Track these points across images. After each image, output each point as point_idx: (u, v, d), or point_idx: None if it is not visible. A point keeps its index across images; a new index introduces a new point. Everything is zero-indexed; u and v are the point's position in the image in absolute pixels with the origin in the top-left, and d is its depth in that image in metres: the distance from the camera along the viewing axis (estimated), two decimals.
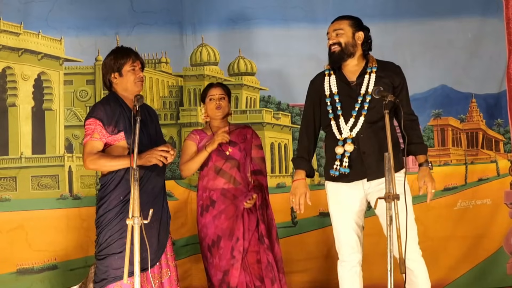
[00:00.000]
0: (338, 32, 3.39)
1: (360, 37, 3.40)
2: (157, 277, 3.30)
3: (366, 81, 3.37)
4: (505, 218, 4.80)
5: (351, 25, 3.42)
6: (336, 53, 3.38)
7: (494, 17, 4.88)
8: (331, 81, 3.43)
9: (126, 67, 3.33)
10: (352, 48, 3.38)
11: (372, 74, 3.37)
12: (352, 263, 3.41)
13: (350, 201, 3.39)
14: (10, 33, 4.58)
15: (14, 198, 4.54)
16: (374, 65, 3.41)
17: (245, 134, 3.95)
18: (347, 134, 3.33)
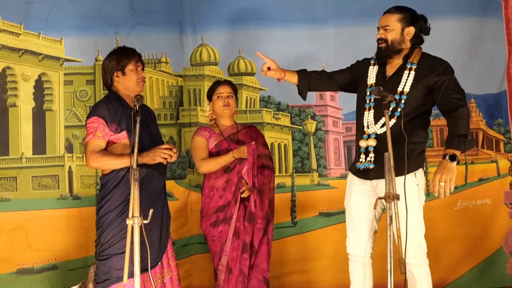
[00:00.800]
0: (387, 28, 3.30)
1: (410, 33, 3.30)
2: (159, 277, 3.30)
3: (404, 78, 3.27)
4: (505, 218, 4.80)
5: (400, 20, 3.30)
6: (383, 49, 3.29)
7: (494, 17, 4.88)
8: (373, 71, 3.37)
9: (129, 66, 3.33)
10: (399, 45, 3.28)
11: (412, 71, 3.27)
12: (355, 258, 3.40)
13: (360, 196, 3.36)
14: (10, 33, 4.59)
15: (14, 198, 4.55)
16: (415, 61, 3.29)
17: (251, 134, 3.96)
18: (373, 130, 3.28)
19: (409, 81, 3.26)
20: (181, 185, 4.78)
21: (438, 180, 3.13)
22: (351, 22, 4.73)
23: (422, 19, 3.36)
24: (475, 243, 4.75)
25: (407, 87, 3.25)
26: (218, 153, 3.85)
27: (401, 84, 3.26)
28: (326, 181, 4.90)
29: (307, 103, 4.92)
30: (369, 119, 3.31)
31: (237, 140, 3.88)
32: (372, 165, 3.26)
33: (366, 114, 3.31)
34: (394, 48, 3.27)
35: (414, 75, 3.25)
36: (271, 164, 3.98)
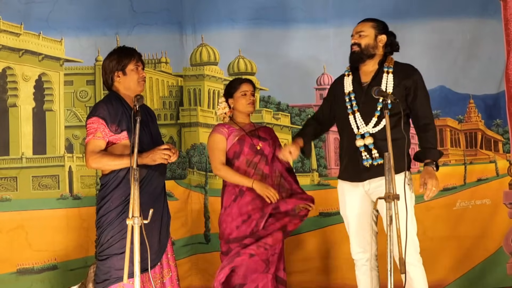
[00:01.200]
0: (361, 34, 3.43)
1: (382, 40, 3.44)
2: (159, 277, 3.30)
3: (384, 81, 3.39)
4: (504, 218, 4.80)
5: (374, 27, 3.46)
6: (356, 53, 3.42)
7: (493, 18, 4.88)
8: (349, 81, 3.49)
9: (130, 66, 3.33)
10: (372, 50, 3.42)
11: (390, 74, 3.40)
12: (361, 262, 3.46)
13: (353, 202, 3.44)
14: (10, 33, 4.59)
15: (14, 198, 4.54)
16: (390, 65, 3.43)
17: (270, 132, 3.97)
18: (365, 129, 3.36)
19: (390, 82, 3.37)
20: (181, 185, 4.78)
21: (431, 185, 3.26)
22: (351, 22, 4.67)
23: (393, 34, 3.51)
24: (474, 243, 4.76)
25: (389, 87, 3.36)
26: (241, 148, 3.79)
27: (382, 85, 3.36)
28: (327, 181, 4.90)
29: (307, 103, 4.93)
30: (357, 121, 3.39)
31: (258, 136, 3.86)
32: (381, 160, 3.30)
33: (352, 118, 3.40)
34: (368, 53, 3.41)
35: (392, 77, 3.38)
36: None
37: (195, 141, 4.88)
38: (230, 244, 3.72)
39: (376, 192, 3.32)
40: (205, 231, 4.78)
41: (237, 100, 3.87)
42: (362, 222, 3.44)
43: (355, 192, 3.42)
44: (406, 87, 3.38)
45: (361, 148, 3.36)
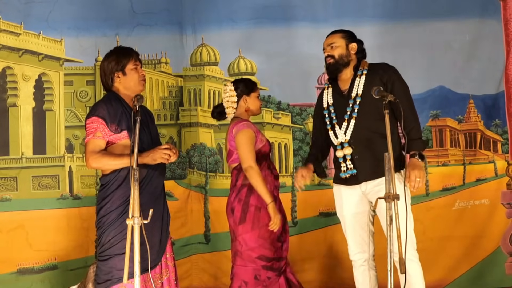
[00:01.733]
0: (332, 46, 3.50)
1: (354, 48, 3.51)
2: (159, 277, 3.30)
3: (356, 84, 3.47)
4: (502, 218, 4.81)
5: (344, 37, 3.52)
6: (332, 64, 3.50)
7: (492, 18, 4.89)
8: (329, 93, 3.57)
9: (129, 66, 3.31)
10: (346, 58, 3.49)
11: (362, 76, 3.47)
12: (359, 262, 3.48)
13: (350, 202, 3.47)
14: (10, 33, 4.58)
15: (14, 198, 4.54)
16: (365, 68, 3.50)
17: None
18: (342, 139, 3.43)
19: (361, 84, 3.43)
20: (181, 185, 4.78)
21: (415, 176, 3.26)
22: (351, 21, 4.72)
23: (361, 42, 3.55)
24: (473, 243, 4.76)
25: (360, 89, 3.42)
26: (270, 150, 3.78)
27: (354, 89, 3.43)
28: (327, 181, 4.90)
29: (308, 102, 4.93)
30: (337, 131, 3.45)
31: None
32: (355, 171, 3.39)
33: (331, 133, 3.48)
34: (343, 62, 3.48)
35: (365, 78, 3.44)
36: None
37: (195, 141, 4.88)
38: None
39: (373, 192, 3.34)
40: (205, 231, 4.78)
41: (253, 100, 3.75)
42: (360, 223, 3.46)
43: (352, 193, 3.45)
44: (383, 82, 3.40)
45: (340, 159, 3.45)
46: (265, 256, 3.60)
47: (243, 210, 3.61)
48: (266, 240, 3.60)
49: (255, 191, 3.58)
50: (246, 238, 3.59)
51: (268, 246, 3.60)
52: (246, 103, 3.71)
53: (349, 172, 3.40)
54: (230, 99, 3.70)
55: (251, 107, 3.74)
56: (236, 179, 3.65)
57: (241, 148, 3.60)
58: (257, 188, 3.55)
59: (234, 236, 3.64)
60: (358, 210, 3.45)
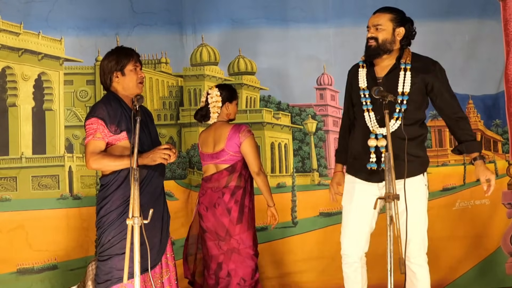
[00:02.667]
0: (378, 27, 3.27)
1: (400, 33, 3.28)
2: (159, 277, 3.30)
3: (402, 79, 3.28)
4: (503, 218, 4.82)
5: (392, 20, 3.28)
6: (372, 47, 3.28)
7: (492, 18, 4.90)
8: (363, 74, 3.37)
9: (129, 67, 3.31)
10: (390, 45, 3.27)
11: (407, 72, 3.28)
12: (353, 259, 3.37)
13: (363, 199, 3.33)
14: (9, 32, 4.58)
15: (14, 198, 4.53)
16: (408, 62, 3.30)
17: None
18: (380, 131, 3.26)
19: (407, 81, 3.26)
20: (181, 185, 4.78)
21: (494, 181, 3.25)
22: (351, 22, 4.74)
23: (410, 21, 3.35)
24: (473, 243, 4.77)
25: (406, 87, 3.26)
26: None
27: (399, 84, 3.27)
28: (327, 181, 4.89)
29: (308, 103, 4.94)
30: (371, 120, 3.30)
31: None
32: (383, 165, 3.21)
33: (367, 116, 3.31)
34: (385, 48, 3.27)
35: (410, 75, 3.27)
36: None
37: (195, 141, 4.86)
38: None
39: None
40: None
41: (234, 107, 3.95)
42: (366, 219, 3.35)
43: (367, 191, 3.31)
44: (426, 82, 3.28)
45: (371, 149, 3.27)
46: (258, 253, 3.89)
47: (239, 211, 3.81)
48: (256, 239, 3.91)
49: (248, 193, 3.85)
50: (244, 237, 3.83)
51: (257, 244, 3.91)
52: (227, 109, 3.90)
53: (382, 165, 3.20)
54: (216, 104, 3.87)
55: (231, 113, 3.93)
56: (228, 181, 3.82)
57: (251, 155, 3.84)
58: (265, 191, 3.86)
59: (228, 235, 3.81)
60: (367, 208, 3.29)
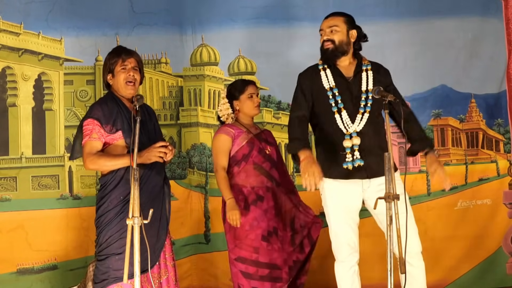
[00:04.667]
0: (333, 29, 3.37)
1: (354, 35, 3.38)
2: (157, 277, 3.30)
3: (365, 78, 3.36)
4: (504, 218, 4.80)
5: (346, 22, 3.40)
6: (330, 50, 3.35)
7: (494, 17, 4.88)
8: (328, 75, 3.38)
9: (116, 68, 3.30)
10: (346, 46, 3.36)
11: (369, 71, 3.37)
12: (351, 263, 3.37)
13: (348, 199, 3.33)
14: (10, 32, 4.58)
15: (14, 198, 4.54)
16: (367, 63, 3.41)
17: (271, 136, 3.95)
18: (353, 129, 3.28)
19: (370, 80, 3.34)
20: (181, 185, 4.77)
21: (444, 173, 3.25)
22: None
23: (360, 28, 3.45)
24: (475, 243, 4.75)
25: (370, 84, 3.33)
26: (250, 152, 3.76)
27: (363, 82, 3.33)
28: None
29: None
30: (344, 119, 3.31)
31: (265, 139, 3.85)
32: (362, 162, 3.25)
33: (338, 117, 3.31)
34: (342, 49, 3.34)
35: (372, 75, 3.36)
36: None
37: (195, 141, 4.87)
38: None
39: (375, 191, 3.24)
40: (205, 231, 4.77)
41: (243, 102, 3.84)
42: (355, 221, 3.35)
43: (351, 189, 3.30)
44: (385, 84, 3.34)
45: (347, 149, 3.28)
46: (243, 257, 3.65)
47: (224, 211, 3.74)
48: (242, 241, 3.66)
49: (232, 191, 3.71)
50: (227, 238, 3.73)
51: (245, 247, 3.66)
52: (237, 107, 3.83)
53: (357, 161, 3.23)
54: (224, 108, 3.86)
55: (243, 110, 3.83)
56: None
57: (212, 152, 3.84)
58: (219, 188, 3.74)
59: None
60: (354, 208, 3.34)
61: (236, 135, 3.77)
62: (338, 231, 3.37)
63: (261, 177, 3.75)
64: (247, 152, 3.76)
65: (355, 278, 3.38)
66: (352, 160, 3.26)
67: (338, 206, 3.35)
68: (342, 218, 3.35)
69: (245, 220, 3.67)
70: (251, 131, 3.83)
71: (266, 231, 3.66)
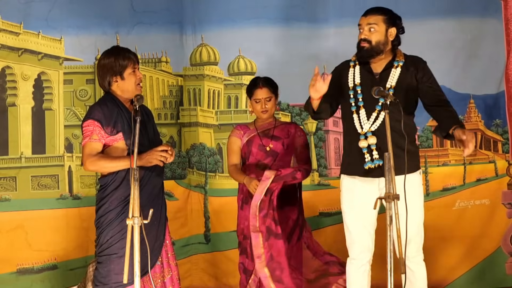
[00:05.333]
0: (372, 27, 3.28)
1: (392, 34, 3.31)
2: (159, 276, 3.30)
3: (392, 75, 3.30)
4: (503, 218, 4.81)
5: (386, 21, 3.29)
6: (365, 49, 3.28)
7: (493, 17, 4.87)
8: (356, 72, 3.35)
9: (128, 70, 3.27)
10: (383, 46, 3.29)
11: (398, 68, 3.30)
12: (362, 262, 3.35)
13: (364, 197, 3.30)
14: (9, 32, 4.57)
15: (14, 198, 4.54)
16: (401, 59, 3.34)
17: (288, 130, 3.91)
18: (367, 128, 3.26)
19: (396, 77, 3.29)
20: (181, 185, 4.78)
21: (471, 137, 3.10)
22: (351, 21, 4.68)
23: (399, 18, 3.38)
24: (473, 243, 4.76)
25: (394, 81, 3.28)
26: (249, 149, 3.83)
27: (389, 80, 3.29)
28: (327, 181, 4.90)
29: None
30: (362, 119, 3.30)
31: (271, 135, 3.84)
32: (381, 162, 3.21)
33: (356, 117, 3.30)
34: (378, 49, 3.27)
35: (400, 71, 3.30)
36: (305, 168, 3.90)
37: (195, 141, 4.87)
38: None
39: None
40: (205, 231, 4.78)
41: (252, 104, 3.90)
42: (370, 220, 3.33)
43: (368, 187, 3.29)
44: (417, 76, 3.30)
45: (364, 149, 3.27)
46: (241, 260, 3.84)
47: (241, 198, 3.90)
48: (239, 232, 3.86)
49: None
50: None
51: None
52: (250, 108, 3.94)
53: (376, 162, 3.21)
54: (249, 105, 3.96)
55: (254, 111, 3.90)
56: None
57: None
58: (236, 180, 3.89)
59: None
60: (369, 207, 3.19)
61: (243, 135, 3.87)
62: (351, 228, 3.37)
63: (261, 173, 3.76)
64: (247, 150, 3.85)
65: (365, 277, 3.36)
66: (371, 160, 3.25)
67: (352, 203, 3.35)
68: (356, 215, 3.33)
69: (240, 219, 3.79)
70: (258, 129, 3.87)
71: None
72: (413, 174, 3.29)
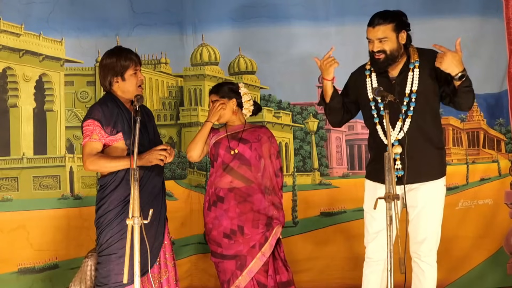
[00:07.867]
0: (382, 40, 3.22)
1: (403, 37, 3.27)
2: (157, 277, 3.31)
3: (410, 79, 3.26)
4: (505, 218, 4.78)
5: (394, 29, 3.24)
6: (381, 60, 3.23)
7: (494, 16, 4.86)
8: (373, 81, 3.32)
9: (129, 71, 3.28)
10: (397, 53, 3.24)
11: (415, 69, 3.26)
12: (377, 261, 3.37)
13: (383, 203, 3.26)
14: (10, 33, 4.60)
15: (15, 198, 4.56)
16: (416, 59, 3.29)
17: (259, 134, 3.85)
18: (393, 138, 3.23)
19: (415, 81, 3.25)
20: (181, 185, 4.78)
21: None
22: (352, 20, 4.71)
23: (405, 16, 3.35)
24: (476, 243, 4.74)
25: (415, 85, 3.25)
26: (217, 151, 3.78)
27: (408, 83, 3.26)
28: (328, 180, 4.89)
29: (309, 101, 4.92)
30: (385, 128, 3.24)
31: (239, 138, 3.82)
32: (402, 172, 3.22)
33: (380, 128, 3.29)
34: (393, 57, 3.23)
35: (418, 72, 3.26)
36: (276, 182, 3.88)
37: None
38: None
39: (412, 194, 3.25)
40: (205, 231, 4.77)
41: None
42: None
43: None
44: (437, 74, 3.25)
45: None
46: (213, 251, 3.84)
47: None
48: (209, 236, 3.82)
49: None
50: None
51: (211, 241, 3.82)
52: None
53: (398, 172, 3.19)
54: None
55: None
56: None
57: None
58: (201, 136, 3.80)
59: None
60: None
61: (212, 137, 3.82)
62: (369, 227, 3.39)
63: (227, 177, 3.75)
64: (214, 152, 3.80)
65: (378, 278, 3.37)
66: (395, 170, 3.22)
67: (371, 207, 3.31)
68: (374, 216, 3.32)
69: (208, 219, 3.76)
70: (228, 131, 3.82)
71: (228, 229, 3.70)
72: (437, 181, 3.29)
